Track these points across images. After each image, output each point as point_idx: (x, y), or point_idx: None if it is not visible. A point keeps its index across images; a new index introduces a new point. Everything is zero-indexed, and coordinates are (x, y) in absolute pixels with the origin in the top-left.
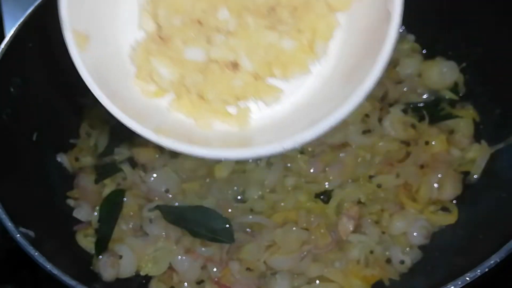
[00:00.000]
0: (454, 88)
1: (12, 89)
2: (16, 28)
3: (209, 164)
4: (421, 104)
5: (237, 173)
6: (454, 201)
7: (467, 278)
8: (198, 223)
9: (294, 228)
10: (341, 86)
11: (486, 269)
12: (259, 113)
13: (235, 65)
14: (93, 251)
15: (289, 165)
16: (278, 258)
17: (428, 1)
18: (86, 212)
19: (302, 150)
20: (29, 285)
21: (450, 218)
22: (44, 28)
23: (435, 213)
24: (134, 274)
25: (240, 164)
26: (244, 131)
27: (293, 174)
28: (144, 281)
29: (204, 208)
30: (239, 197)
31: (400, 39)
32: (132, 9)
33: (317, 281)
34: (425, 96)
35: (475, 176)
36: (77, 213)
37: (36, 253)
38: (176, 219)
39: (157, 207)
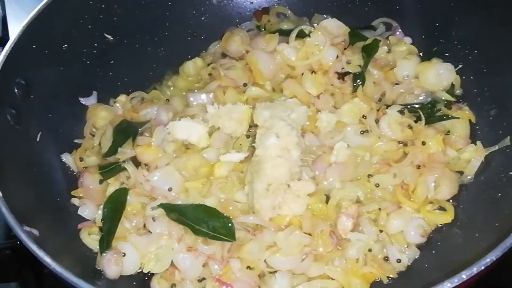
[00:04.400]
0: (450, 90)
1: (16, 90)
2: (20, 30)
3: (211, 163)
4: (418, 105)
5: (237, 173)
6: (451, 201)
7: (464, 276)
8: (201, 222)
9: (297, 232)
10: None
11: (482, 267)
12: None
13: None
14: (97, 249)
15: None
16: (278, 259)
17: (425, 5)
18: (90, 210)
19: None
20: (33, 283)
21: (446, 217)
22: (47, 30)
23: (432, 212)
24: (137, 271)
25: (240, 164)
26: None
27: None
28: (146, 278)
29: (207, 207)
30: (239, 196)
31: (397, 41)
32: None
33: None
34: (421, 97)
35: (469, 177)
36: (82, 211)
37: (40, 251)
38: (179, 217)
39: (160, 206)
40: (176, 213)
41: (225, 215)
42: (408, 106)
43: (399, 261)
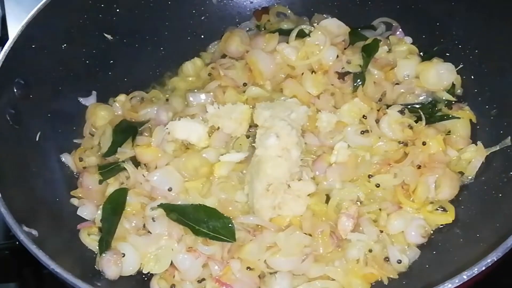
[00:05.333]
0: (451, 90)
1: (15, 90)
2: (19, 29)
3: (211, 163)
4: (419, 105)
5: (237, 173)
6: (451, 201)
7: (465, 277)
8: (201, 222)
9: (297, 232)
10: None
11: (483, 268)
12: None
13: None
14: (96, 249)
15: None
16: (279, 259)
17: (425, 4)
18: (90, 210)
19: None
20: (32, 283)
21: (447, 218)
22: (47, 29)
23: (433, 213)
24: (136, 272)
25: (240, 164)
26: None
27: None
28: (146, 279)
29: (207, 207)
30: (239, 196)
31: (398, 41)
32: None
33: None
34: (422, 97)
35: (469, 177)
36: (81, 211)
37: (40, 252)
38: (179, 218)
39: (160, 206)
40: (176, 213)
41: (225, 215)
42: (409, 106)
43: (399, 261)
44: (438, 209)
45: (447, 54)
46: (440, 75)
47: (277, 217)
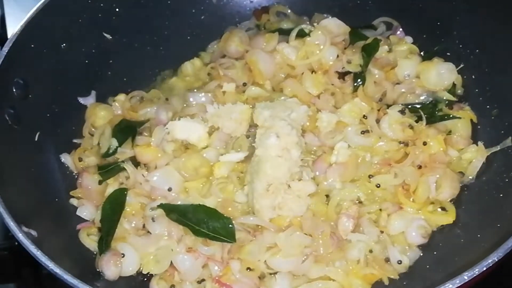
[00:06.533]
0: (451, 89)
1: (14, 90)
2: (18, 29)
3: (210, 163)
4: (419, 105)
5: (237, 173)
6: (452, 201)
7: (465, 277)
8: (201, 222)
9: (297, 233)
10: None
11: (484, 268)
12: None
13: None
14: (96, 250)
15: None
16: (279, 260)
17: (426, 4)
18: (89, 211)
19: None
20: (31, 284)
21: (448, 218)
22: (46, 29)
23: (433, 213)
24: (136, 272)
25: (240, 164)
26: None
27: None
28: (145, 279)
29: (207, 207)
30: (239, 197)
31: (398, 41)
32: None
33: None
34: (423, 97)
35: (470, 177)
36: (80, 212)
37: (38, 252)
38: (179, 218)
39: (160, 206)
40: (176, 214)
41: (225, 215)
42: (409, 106)
43: (400, 262)
44: (438, 210)
45: (447, 53)
46: (441, 75)
47: (277, 218)
